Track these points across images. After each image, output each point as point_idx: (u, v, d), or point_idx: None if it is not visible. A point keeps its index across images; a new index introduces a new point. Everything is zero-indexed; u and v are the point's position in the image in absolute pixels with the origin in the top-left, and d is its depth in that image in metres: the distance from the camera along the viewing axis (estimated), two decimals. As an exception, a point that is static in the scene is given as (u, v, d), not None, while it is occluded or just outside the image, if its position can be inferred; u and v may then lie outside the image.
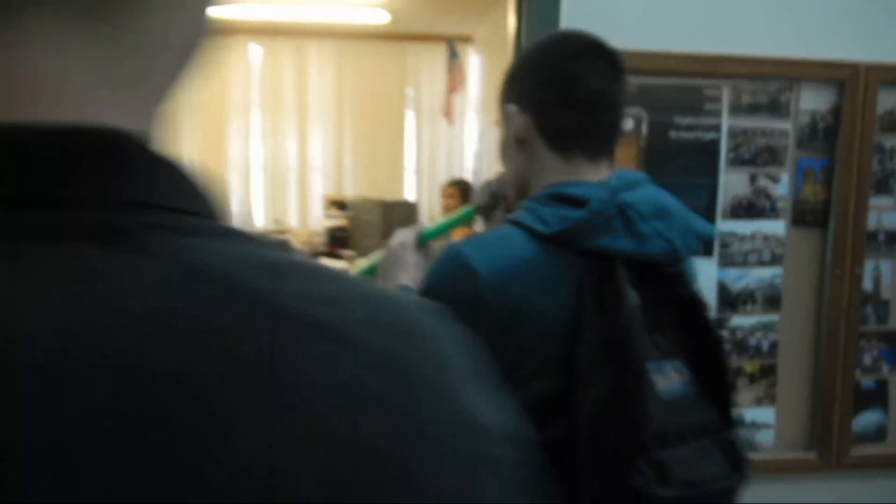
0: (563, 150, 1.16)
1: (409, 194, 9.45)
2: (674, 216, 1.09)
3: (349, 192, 9.48)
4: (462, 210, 1.45)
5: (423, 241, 1.40)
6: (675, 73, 2.08)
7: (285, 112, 9.43)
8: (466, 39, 9.22)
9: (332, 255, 7.32)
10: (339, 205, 8.79)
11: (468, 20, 8.67)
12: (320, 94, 9.48)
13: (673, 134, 2.06)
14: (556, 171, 1.16)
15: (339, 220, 8.46)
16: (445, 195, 6.52)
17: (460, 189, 6.13)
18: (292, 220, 9.45)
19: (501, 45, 8.13)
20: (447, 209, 6.43)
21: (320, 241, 8.04)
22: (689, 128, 2.06)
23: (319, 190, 9.49)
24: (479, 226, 1.62)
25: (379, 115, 9.50)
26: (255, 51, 9.30)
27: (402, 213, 8.21)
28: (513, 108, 1.22)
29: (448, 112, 8.28)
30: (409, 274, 1.33)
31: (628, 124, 2.03)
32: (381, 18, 8.23)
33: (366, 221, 8.38)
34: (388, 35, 9.25)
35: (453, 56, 8.15)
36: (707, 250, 2.13)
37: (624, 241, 1.04)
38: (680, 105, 2.09)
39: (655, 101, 2.05)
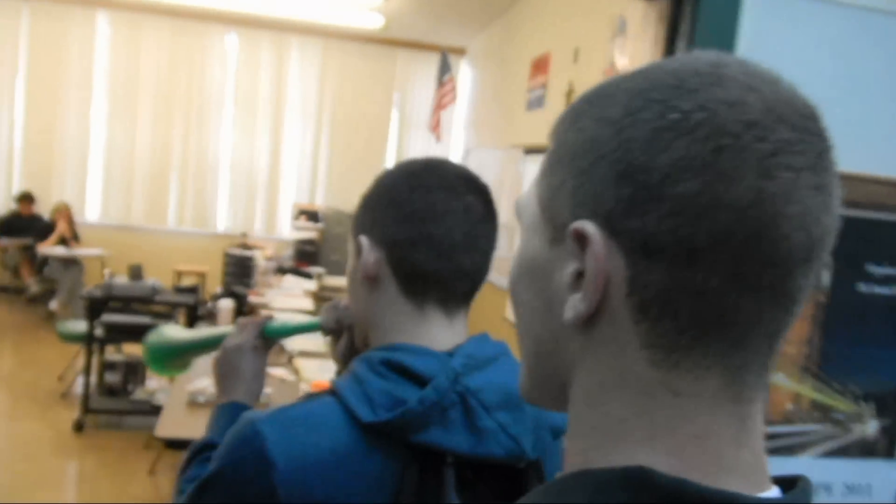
0: (416, 295, 0.97)
1: (385, 208, 8.90)
2: (525, 406, 0.93)
3: (321, 202, 8.91)
4: (310, 320, 1.30)
5: (266, 336, 1.25)
6: (875, 206, 1.45)
7: (259, 110, 8.83)
8: (459, 52, 8.74)
9: (298, 271, 6.75)
10: (310, 215, 8.22)
11: (463, 32, 8.20)
12: (299, 94, 8.90)
13: (863, 288, 1.48)
14: (404, 319, 0.98)
15: (308, 233, 7.88)
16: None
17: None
18: (258, 229, 8.84)
19: (496, 61, 7.75)
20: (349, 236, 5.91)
21: (287, 254, 7.47)
22: (887, 280, 1.47)
23: (289, 197, 8.90)
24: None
25: (360, 121, 8.95)
26: (230, 41, 8.69)
27: (377, 228, 7.70)
28: (365, 239, 1.01)
29: (436, 127, 7.78)
30: (246, 386, 1.20)
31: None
32: (374, 22, 7.70)
33: (336, 235, 7.85)
34: (379, 39, 8.72)
35: (445, 69, 7.64)
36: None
37: (459, 436, 0.89)
38: (877, 249, 1.47)
39: (843, 241, 1.38)
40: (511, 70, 6.83)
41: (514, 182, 6.23)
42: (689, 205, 0.43)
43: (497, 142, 7.05)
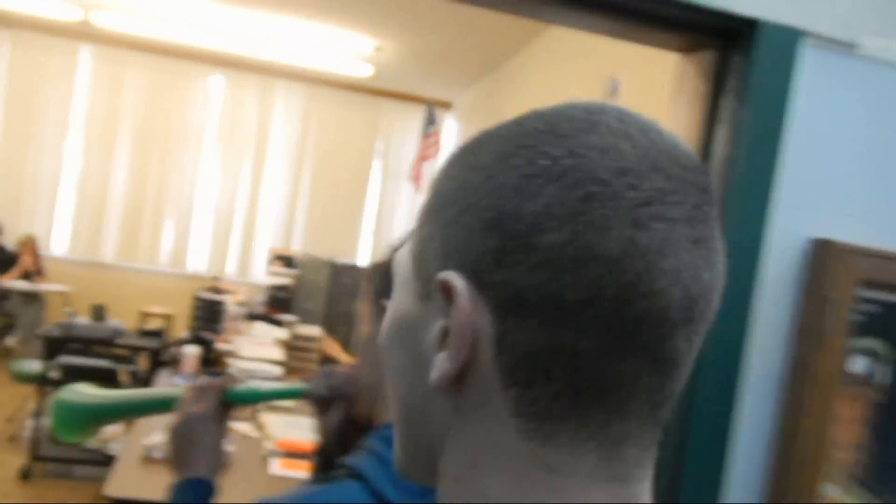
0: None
1: (362, 258, 8.74)
2: None
3: (297, 247, 8.73)
4: (289, 386, 1.22)
5: (229, 401, 1.16)
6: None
7: (240, 151, 8.69)
8: (445, 105, 8.71)
9: (269, 318, 6.54)
10: (286, 260, 8.03)
11: (451, 86, 8.18)
12: (282, 138, 8.79)
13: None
14: None
15: (282, 279, 7.69)
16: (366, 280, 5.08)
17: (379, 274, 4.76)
18: (231, 272, 8.62)
19: (482, 116, 7.71)
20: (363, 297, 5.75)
21: (259, 300, 7.25)
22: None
23: (266, 242, 8.72)
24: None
25: (342, 168, 8.84)
26: (215, 81, 8.59)
27: (351, 277, 7.53)
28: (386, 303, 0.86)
29: (417, 178, 7.68)
30: (208, 459, 1.12)
31: (857, 364, 1.21)
32: (364, 71, 7.66)
33: (311, 282, 7.66)
34: (366, 88, 8.67)
35: (431, 121, 7.58)
36: None
37: None
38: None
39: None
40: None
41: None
42: (557, 256, 0.39)
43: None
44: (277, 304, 7.22)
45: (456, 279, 0.41)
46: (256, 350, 4.86)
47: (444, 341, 0.42)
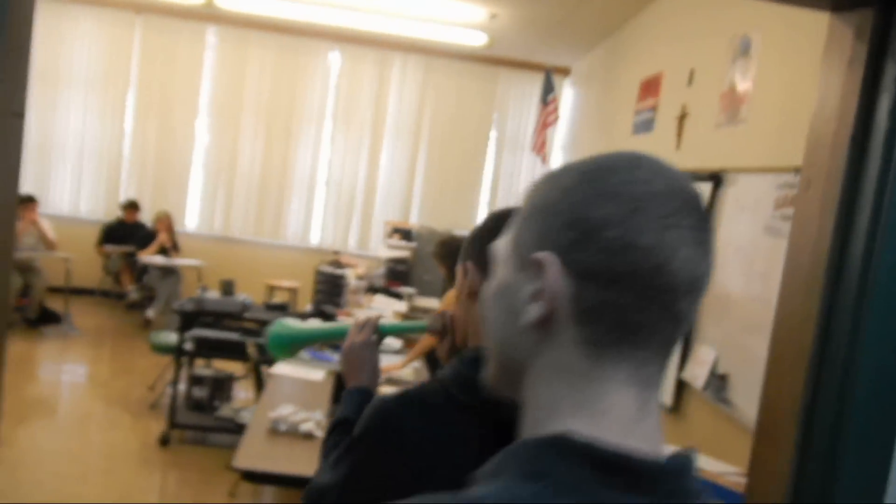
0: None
1: (480, 229, 8.70)
2: None
3: (415, 220, 8.80)
4: (417, 322, 1.65)
5: (381, 332, 1.61)
6: None
7: (359, 126, 8.81)
8: (563, 72, 8.49)
9: (389, 291, 6.62)
10: (404, 234, 8.10)
11: (569, 52, 7.95)
12: (399, 111, 8.83)
13: None
14: None
15: (401, 251, 7.76)
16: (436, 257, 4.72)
17: (447, 250, 4.50)
18: (351, 246, 8.80)
19: (601, 81, 7.46)
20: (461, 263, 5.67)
21: (378, 273, 7.35)
22: None
23: (384, 215, 8.83)
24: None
25: (458, 139, 8.80)
26: (333, 58, 8.71)
27: (470, 249, 7.51)
28: (470, 264, 1.34)
29: (541, 148, 7.54)
30: (368, 374, 1.56)
31: None
32: (478, 40, 7.56)
33: (429, 255, 7.71)
34: (481, 57, 8.57)
35: (549, 89, 7.41)
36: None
37: None
38: None
39: None
40: (617, 91, 6.54)
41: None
42: (612, 245, 0.62)
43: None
44: (396, 276, 7.31)
45: (548, 257, 0.64)
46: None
47: (535, 297, 0.65)
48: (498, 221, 1.31)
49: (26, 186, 8.16)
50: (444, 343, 1.51)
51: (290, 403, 3.31)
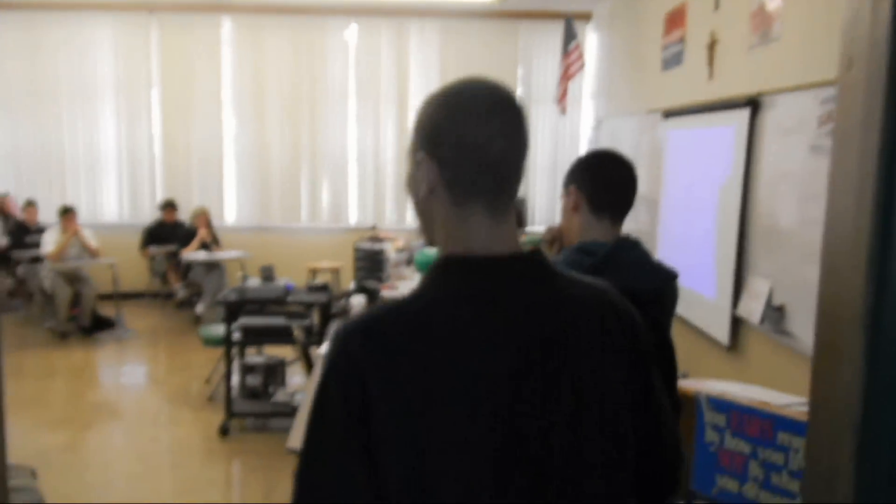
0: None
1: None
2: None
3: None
4: (536, 236, 2.10)
5: None
6: None
7: (383, 98, 8.71)
8: (584, 17, 8.25)
9: (431, 261, 6.54)
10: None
11: (588, -5, 7.71)
12: (421, 78, 8.70)
13: None
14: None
15: (439, 220, 7.68)
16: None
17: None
18: (389, 220, 8.74)
19: (625, 21, 7.21)
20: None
21: (418, 244, 7.29)
22: None
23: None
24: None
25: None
26: (350, 32, 8.60)
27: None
28: (573, 187, 1.97)
29: (562, 98, 7.36)
30: None
31: None
32: (490, -5, 7.38)
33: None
34: (498, 13, 8.37)
35: (571, 36, 7.20)
36: None
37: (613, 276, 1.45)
38: None
39: None
40: (642, 29, 6.31)
41: (653, 149, 5.74)
42: (452, 141, 1.05)
43: (631, 108, 6.55)
44: (438, 245, 7.23)
45: (422, 155, 1.07)
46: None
47: (423, 179, 1.08)
48: (593, 157, 2.05)
49: (68, 198, 8.28)
50: (554, 248, 2.13)
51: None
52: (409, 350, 0.97)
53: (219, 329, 5.24)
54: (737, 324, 4.29)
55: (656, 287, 1.90)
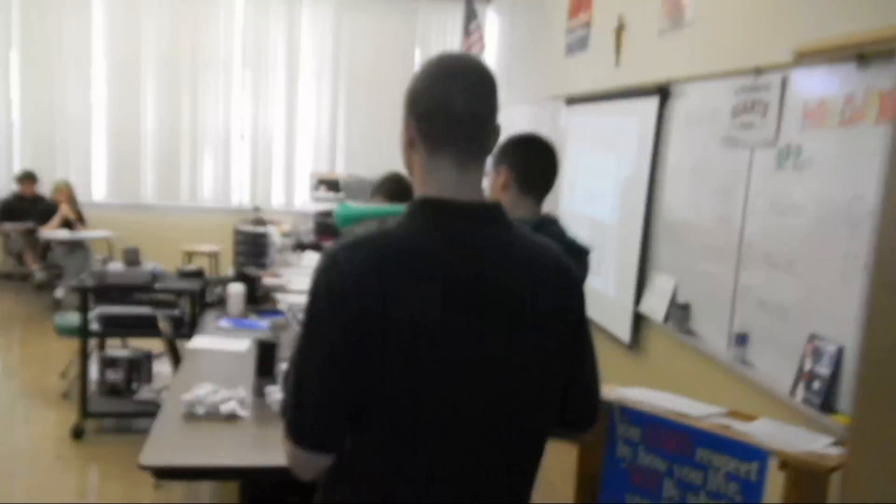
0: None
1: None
2: None
3: (342, 170, 8.29)
4: None
5: None
6: None
7: (272, 75, 8.18)
8: (486, -2, 7.99)
9: (319, 247, 6.15)
10: (330, 184, 7.60)
11: (490, -25, 7.46)
12: (314, 56, 8.24)
13: None
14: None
15: (329, 204, 7.27)
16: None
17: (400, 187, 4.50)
18: (276, 202, 8.25)
19: (529, 4, 7.01)
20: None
21: (306, 229, 6.87)
22: None
23: (308, 167, 8.28)
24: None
25: (381, 82, 8.24)
26: (238, 2, 8.03)
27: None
28: (504, 167, 2.23)
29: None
30: None
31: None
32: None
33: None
34: (396, -11, 8.01)
35: (471, 16, 6.93)
36: None
37: None
38: None
39: None
40: (546, 11, 6.10)
41: (554, 138, 5.54)
42: (425, 101, 1.23)
43: (533, 95, 6.34)
44: (326, 230, 6.83)
45: (408, 116, 1.27)
46: (307, 282, 4.49)
47: (406, 134, 1.29)
48: (523, 140, 2.29)
49: None
50: None
51: (209, 381, 2.86)
52: (393, 267, 1.15)
53: (74, 318, 4.67)
54: (638, 322, 4.13)
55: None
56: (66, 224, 7.07)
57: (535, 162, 2.25)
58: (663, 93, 3.89)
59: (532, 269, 1.24)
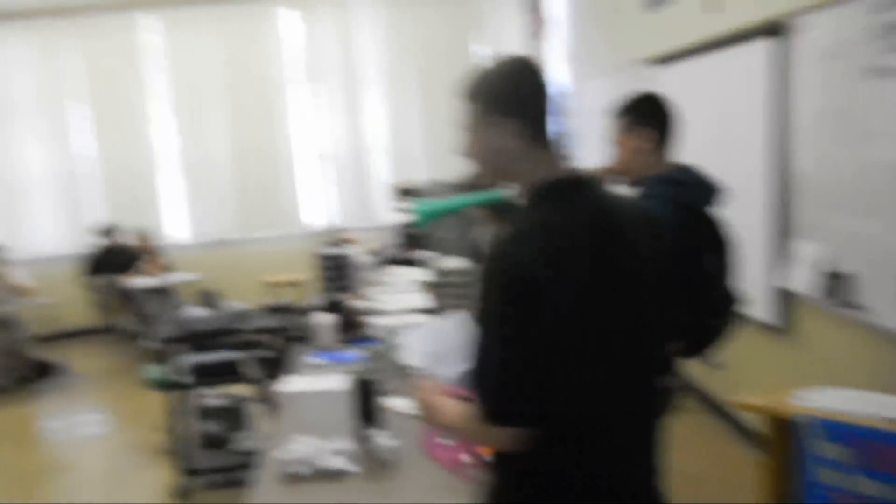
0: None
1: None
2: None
3: (420, 176, 7.92)
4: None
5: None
6: None
7: (333, 90, 7.90)
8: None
9: (406, 260, 5.79)
10: (411, 193, 7.23)
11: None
12: (372, 60, 7.91)
13: None
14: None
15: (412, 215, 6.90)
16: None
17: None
18: (357, 220, 7.93)
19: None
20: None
21: (392, 243, 6.52)
22: None
23: (385, 180, 7.95)
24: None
25: (447, 80, 7.82)
26: (289, 17, 7.78)
27: (486, 194, 6.66)
28: (494, 117, 1.93)
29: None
30: None
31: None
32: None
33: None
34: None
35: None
36: None
37: None
38: None
39: None
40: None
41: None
42: (504, 96, 1.44)
43: (613, 62, 5.81)
44: (412, 241, 6.46)
45: (495, 117, 1.44)
46: (400, 300, 4.14)
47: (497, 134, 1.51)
48: (658, 102, 2.47)
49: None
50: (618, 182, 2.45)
51: (306, 431, 2.50)
52: (564, 250, 1.31)
53: (158, 370, 4.43)
54: (782, 299, 3.56)
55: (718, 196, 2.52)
56: (150, 272, 6.95)
57: (671, 118, 2.41)
58: (774, 31, 3.33)
59: (634, 221, 1.42)
